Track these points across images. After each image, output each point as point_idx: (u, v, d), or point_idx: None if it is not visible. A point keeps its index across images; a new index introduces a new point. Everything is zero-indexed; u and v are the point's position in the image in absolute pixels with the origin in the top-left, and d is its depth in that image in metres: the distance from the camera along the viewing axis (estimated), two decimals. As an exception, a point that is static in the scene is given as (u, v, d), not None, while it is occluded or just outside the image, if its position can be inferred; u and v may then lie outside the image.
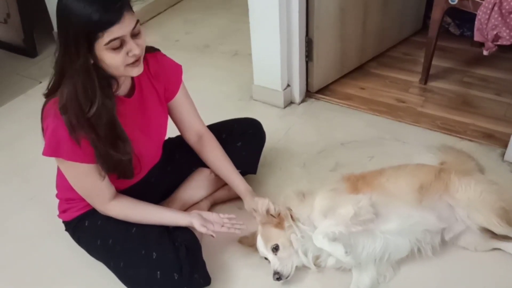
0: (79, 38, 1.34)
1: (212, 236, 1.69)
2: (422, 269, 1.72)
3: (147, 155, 1.75)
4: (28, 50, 3.38)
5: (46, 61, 3.31)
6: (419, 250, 1.71)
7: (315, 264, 1.71)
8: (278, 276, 1.66)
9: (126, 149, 1.54)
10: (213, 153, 1.90)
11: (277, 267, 1.67)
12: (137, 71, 1.49)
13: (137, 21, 1.41)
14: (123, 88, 1.58)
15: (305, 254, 1.70)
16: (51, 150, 1.48)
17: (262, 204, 1.71)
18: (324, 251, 1.66)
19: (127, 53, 1.41)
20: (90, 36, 1.34)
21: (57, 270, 1.86)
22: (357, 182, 1.76)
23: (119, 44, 1.38)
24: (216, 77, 3.01)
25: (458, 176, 1.75)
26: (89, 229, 1.72)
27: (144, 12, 3.65)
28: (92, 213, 1.70)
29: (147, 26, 3.64)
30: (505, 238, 1.73)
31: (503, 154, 2.18)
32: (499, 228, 1.67)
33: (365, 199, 1.64)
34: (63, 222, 1.81)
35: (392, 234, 1.65)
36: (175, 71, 1.76)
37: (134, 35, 1.41)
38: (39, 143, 1.49)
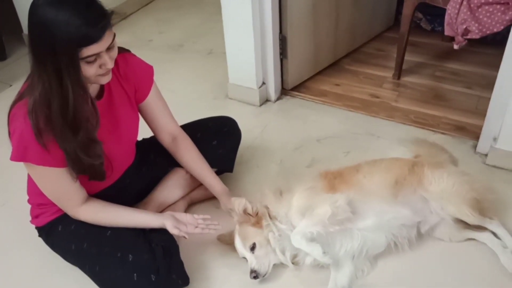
0: (56, 48, 1.31)
1: (184, 237, 1.67)
2: (398, 261, 1.74)
3: (119, 157, 1.72)
4: (-3, 53, 3.31)
5: (16, 64, 3.25)
6: (395, 244, 1.72)
7: (293, 263, 1.71)
8: (255, 274, 1.66)
9: (96, 152, 1.52)
10: (188, 154, 1.89)
11: (254, 265, 1.67)
12: (106, 79, 1.48)
13: (114, 35, 1.41)
14: (92, 90, 1.55)
15: (283, 253, 1.70)
16: (19, 154, 1.44)
17: (239, 203, 1.70)
18: (302, 250, 1.66)
19: (100, 66, 1.41)
20: (67, 49, 1.32)
21: (31, 276, 1.83)
22: (334, 180, 1.77)
23: (94, 59, 1.38)
24: (190, 76, 2.99)
25: (431, 169, 1.78)
26: (62, 233, 1.68)
27: (117, 11, 3.60)
28: (65, 218, 1.67)
29: (119, 27, 3.59)
30: (478, 228, 1.77)
31: (475, 146, 2.22)
32: (471, 218, 1.70)
33: (342, 199, 1.65)
34: (36, 228, 1.77)
35: (369, 231, 1.67)
36: (146, 71, 1.74)
37: (109, 48, 1.40)
38: (8, 148, 1.46)
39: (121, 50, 1.63)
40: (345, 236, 1.66)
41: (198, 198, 2.05)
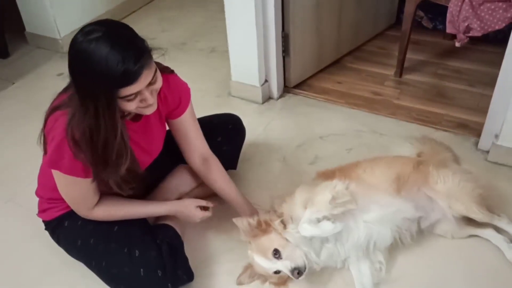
0: (95, 87, 1.33)
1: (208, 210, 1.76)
2: (404, 258, 1.76)
3: (145, 167, 1.73)
4: (0, 51, 3.31)
5: (18, 62, 3.26)
6: (400, 237, 1.73)
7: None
8: (297, 271, 1.56)
9: (126, 183, 1.57)
10: (221, 178, 1.86)
11: (290, 266, 1.57)
12: (150, 110, 1.48)
13: (156, 70, 1.40)
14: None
15: (305, 245, 1.64)
16: (52, 163, 1.47)
17: (241, 222, 1.67)
18: (315, 240, 1.63)
19: (141, 101, 1.42)
20: (105, 89, 1.33)
21: (38, 271, 1.84)
22: (333, 175, 1.78)
23: (133, 97, 1.38)
24: (193, 74, 2.98)
25: (436, 168, 1.79)
26: (69, 229, 1.69)
27: (119, 10, 3.61)
28: (72, 213, 1.67)
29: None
30: (480, 225, 1.78)
31: (477, 143, 2.23)
32: (480, 215, 1.71)
33: (340, 184, 1.65)
34: (43, 221, 1.78)
35: (374, 223, 1.67)
36: (185, 92, 1.73)
37: (150, 83, 1.40)
38: (14, 145, 1.47)
39: (164, 70, 1.59)
40: (351, 228, 1.65)
41: (200, 195, 2.05)
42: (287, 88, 2.73)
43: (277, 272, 1.61)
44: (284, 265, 1.58)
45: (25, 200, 2.11)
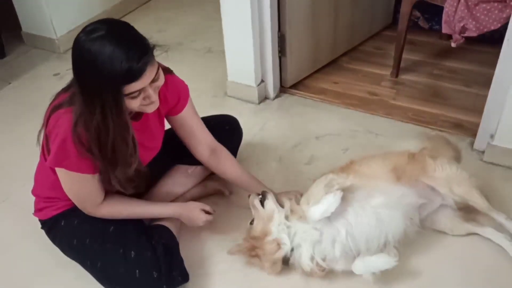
0: (101, 85, 1.33)
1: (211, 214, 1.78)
2: (404, 256, 1.73)
3: (146, 164, 1.73)
4: (-4, 51, 3.31)
5: (15, 62, 3.25)
6: (407, 228, 1.71)
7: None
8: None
9: (132, 182, 1.58)
10: (232, 167, 1.87)
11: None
12: (152, 108, 1.49)
13: (158, 67, 1.42)
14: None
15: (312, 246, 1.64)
16: (57, 161, 1.47)
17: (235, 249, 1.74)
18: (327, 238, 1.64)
19: (144, 98, 1.42)
20: (112, 87, 1.34)
21: (31, 272, 1.84)
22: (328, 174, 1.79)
23: (137, 94, 1.39)
24: (190, 74, 2.94)
25: (433, 158, 1.81)
26: (65, 228, 1.69)
27: (116, 10, 3.61)
28: (68, 213, 1.67)
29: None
30: (480, 223, 1.80)
31: (472, 143, 2.24)
32: (479, 200, 1.74)
33: (332, 174, 1.68)
34: (39, 220, 1.78)
35: (382, 208, 1.65)
36: (183, 90, 1.74)
37: (153, 81, 1.41)
38: (10, 145, 1.47)
39: (164, 71, 1.59)
40: (360, 214, 1.64)
41: (197, 195, 2.05)
42: (283, 88, 2.73)
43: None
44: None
45: (20, 200, 2.10)
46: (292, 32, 2.53)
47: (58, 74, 3.03)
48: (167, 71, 1.67)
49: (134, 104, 1.42)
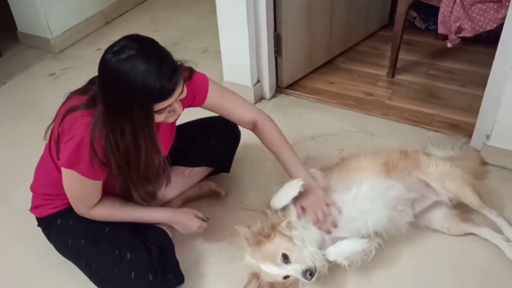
0: (132, 104, 1.35)
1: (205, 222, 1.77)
2: (398, 256, 1.76)
3: None
4: (-9, 51, 3.30)
5: (10, 62, 3.23)
6: (395, 221, 1.71)
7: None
8: (309, 272, 1.53)
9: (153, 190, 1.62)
10: (274, 141, 1.82)
11: (300, 268, 1.54)
12: (174, 118, 1.52)
13: (183, 83, 1.43)
14: None
15: (312, 245, 1.61)
16: (69, 163, 1.46)
17: (242, 230, 1.62)
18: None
19: (169, 112, 1.45)
20: (144, 105, 1.35)
21: (25, 273, 1.83)
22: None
23: (164, 109, 1.41)
24: (185, 74, 2.98)
25: (426, 154, 1.84)
26: (61, 227, 1.68)
27: (112, 10, 3.60)
28: (65, 212, 1.67)
29: (114, 24, 3.59)
30: (477, 223, 1.81)
31: (468, 144, 2.23)
32: (472, 198, 1.75)
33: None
34: (35, 217, 1.76)
35: (365, 198, 1.67)
36: (198, 88, 1.71)
37: (179, 95, 1.43)
38: (5, 145, 1.46)
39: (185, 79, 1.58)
40: (344, 203, 1.67)
41: (192, 196, 2.05)
42: (279, 89, 2.73)
43: (286, 277, 1.58)
44: (294, 269, 1.55)
45: (15, 201, 2.10)
46: (288, 32, 2.53)
47: (54, 74, 3.01)
48: (188, 71, 1.66)
49: (160, 119, 1.45)
